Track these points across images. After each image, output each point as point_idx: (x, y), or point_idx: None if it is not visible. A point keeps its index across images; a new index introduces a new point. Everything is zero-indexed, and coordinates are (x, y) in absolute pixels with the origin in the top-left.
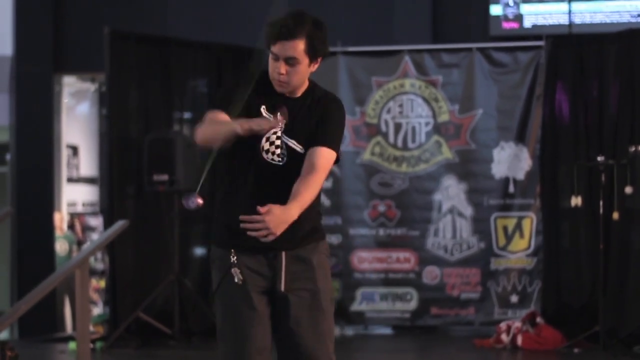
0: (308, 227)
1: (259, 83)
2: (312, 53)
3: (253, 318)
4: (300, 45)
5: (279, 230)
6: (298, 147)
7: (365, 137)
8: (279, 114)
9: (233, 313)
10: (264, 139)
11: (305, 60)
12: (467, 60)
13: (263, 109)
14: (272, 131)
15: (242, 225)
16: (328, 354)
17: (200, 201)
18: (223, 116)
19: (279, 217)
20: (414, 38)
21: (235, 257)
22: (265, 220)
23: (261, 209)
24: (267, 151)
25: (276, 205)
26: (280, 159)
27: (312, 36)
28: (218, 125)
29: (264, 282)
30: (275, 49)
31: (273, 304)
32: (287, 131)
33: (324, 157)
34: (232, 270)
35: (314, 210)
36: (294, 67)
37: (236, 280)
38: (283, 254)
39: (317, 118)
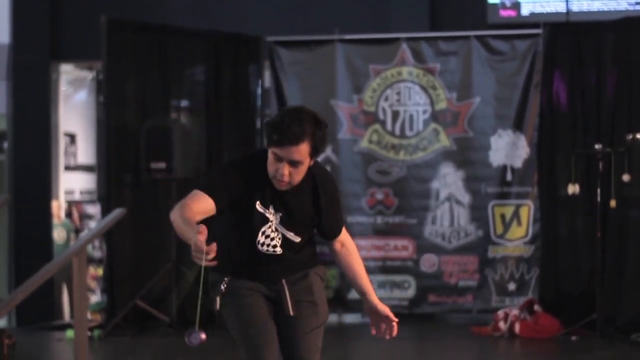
0: (305, 260)
1: (252, 170)
2: (315, 153)
3: (263, 316)
4: (304, 149)
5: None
6: (295, 238)
7: (363, 125)
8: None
9: (246, 312)
10: (259, 234)
11: (307, 160)
12: (465, 48)
13: (258, 204)
14: (268, 225)
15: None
16: None
17: (204, 337)
18: (204, 203)
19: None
20: (412, 26)
21: (225, 285)
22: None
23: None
24: (263, 244)
25: (385, 313)
26: (274, 250)
27: (315, 138)
28: (185, 226)
29: (265, 299)
30: (279, 152)
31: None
32: (284, 222)
33: (345, 234)
34: (221, 284)
35: (311, 249)
36: (297, 169)
37: (222, 287)
38: (283, 280)
39: (317, 205)
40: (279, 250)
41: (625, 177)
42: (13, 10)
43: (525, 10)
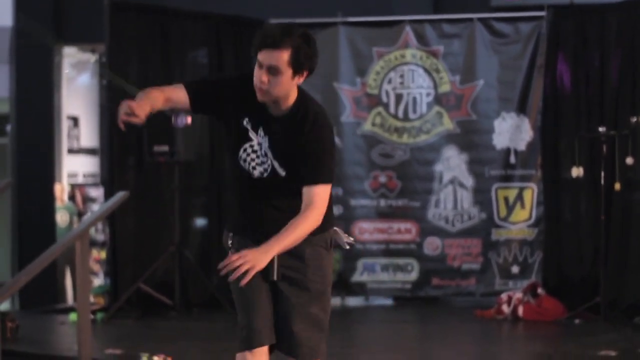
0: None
1: (242, 87)
2: (297, 65)
3: (257, 291)
4: (284, 56)
5: (260, 264)
6: (281, 171)
7: (366, 107)
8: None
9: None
10: (241, 149)
11: (288, 71)
12: (468, 31)
13: (245, 121)
14: (249, 143)
15: (221, 271)
16: (314, 339)
17: (189, 120)
18: (178, 93)
19: (255, 256)
20: (415, 8)
21: (231, 242)
22: (241, 259)
23: (234, 257)
24: (245, 160)
25: (252, 250)
26: (260, 174)
27: (298, 48)
28: (140, 95)
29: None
30: (260, 56)
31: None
32: (272, 148)
33: (320, 195)
34: (230, 251)
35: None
36: (276, 77)
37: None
38: None
39: (304, 144)
40: (258, 173)
41: (629, 160)
42: None
43: None
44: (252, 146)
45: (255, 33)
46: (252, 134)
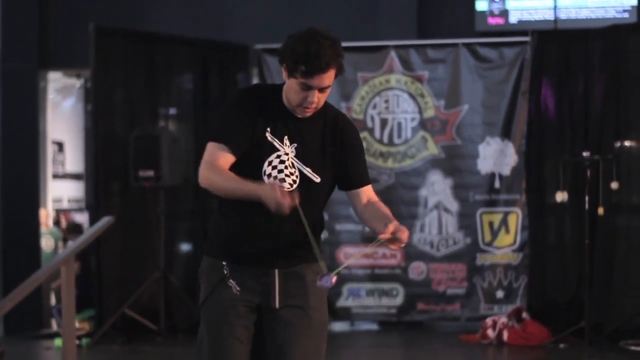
0: (305, 247)
1: (257, 99)
2: (339, 72)
3: (231, 338)
4: (334, 73)
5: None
6: (314, 177)
7: None
8: (294, 195)
9: (215, 329)
10: (266, 163)
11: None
12: (453, 56)
13: (268, 131)
14: (276, 154)
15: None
16: None
17: (334, 278)
18: (225, 157)
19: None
20: (400, 33)
21: (228, 270)
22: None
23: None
24: (269, 175)
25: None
26: (290, 185)
27: (341, 62)
28: (238, 184)
29: (252, 298)
30: (310, 81)
31: (260, 321)
32: (299, 156)
33: (374, 194)
34: (229, 281)
35: (314, 232)
36: (325, 93)
37: (234, 291)
38: (276, 271)
39: (337, 147)
40: (287, 185)
41: (614, 185)
42: (1, 18)
43: (513, 18)
44: (279, 157)
45: (293, 51)
46: (277, 145)
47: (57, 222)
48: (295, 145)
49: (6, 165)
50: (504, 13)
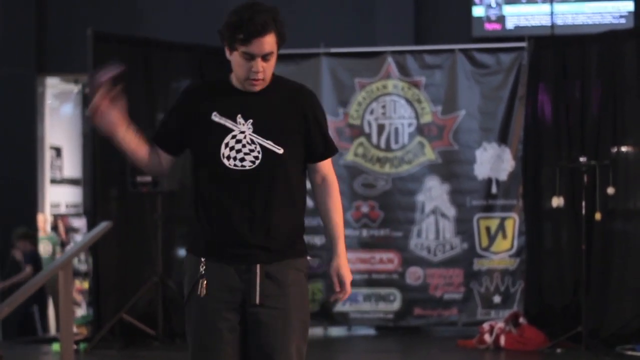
0: (285, 240)
1: (197, 92)
2: (281, 42)
3: (218, 341)
4: (272, 38)
5: (349, 278)
6: (276, 148)
7: (349, 138)
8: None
9: (199, 332)
10: (222, 145)
11: (276, 51)
12: (450, 62)
13: (215, 115)
14: (230, 135)
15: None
16: None
17: (112, 74)
18: (162, 154)
19: (346, 271)
20: (397, 39)
21: (204, 267)
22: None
23: (339, 291)
24: (229, 157)
25: (343, 270)
26: (252, 163)
27: (277, 24)
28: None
29: (235, 297)
30: (251, 48)
31: (244, 321)
32: (258, 130)
33: (332, 167)
34: (200, 281)
35: (293, 222)
36: (269, 62)
37: (199, 293)
38: (257, 267)
39: (297, 117)
40: (248, 163)
41: (610, 190)
42: None
43: (510, 24)
44: (234, 137)
45: (229, 23)
46: (230, 125)
47: (54, 227)
48: (252, 121)
49: (4, 170)
50: (501, 19)
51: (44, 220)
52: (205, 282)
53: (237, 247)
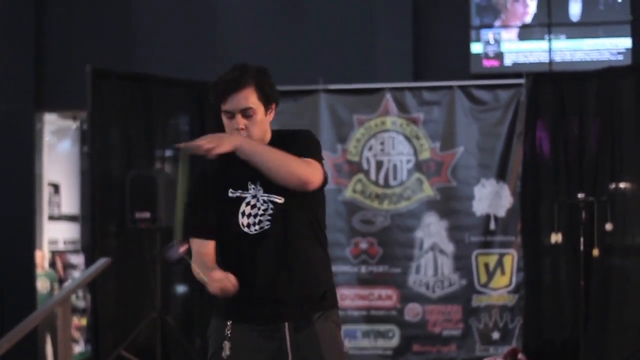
0: (316, 294)
1: (212, 173)
2: (265, 99)
3: None
4: (251, 94)
5: (225, 145)
6: (278, 199)
7: (347, 174)
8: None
9: None
10: (239, 215)
11: (260, 108)
12: (448, 98)
13: (230, 191)
14: (245, 203)
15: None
16: None
17: (183, 249)
18: (202, 246)
19: (221, 135)
20: (395, 76)
21: (230, 331)
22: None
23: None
24: (248, 225)
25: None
26: (268, 222)
27: (260, 82)
28: (201, 270)
29: (265, 356)
30: (227, 106)
31: None
32: (267, 189)
33: (314, 163)
34: (224, 343)
35: (323, 274)
36: (252, 118)
37: (223, 355)
38: (286, 325)
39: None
40: (266, 223)
41: (608, 226)
42: None
43: (508, 61)
44: (248, 203)
45: (209, 89)
46: (243, 194)
47: (52, 264)
48: (259, 182)
49: (2, 206)
50: (499, 55)
51: (42, 257)
52: (230, 345)
53: (263, 308)
